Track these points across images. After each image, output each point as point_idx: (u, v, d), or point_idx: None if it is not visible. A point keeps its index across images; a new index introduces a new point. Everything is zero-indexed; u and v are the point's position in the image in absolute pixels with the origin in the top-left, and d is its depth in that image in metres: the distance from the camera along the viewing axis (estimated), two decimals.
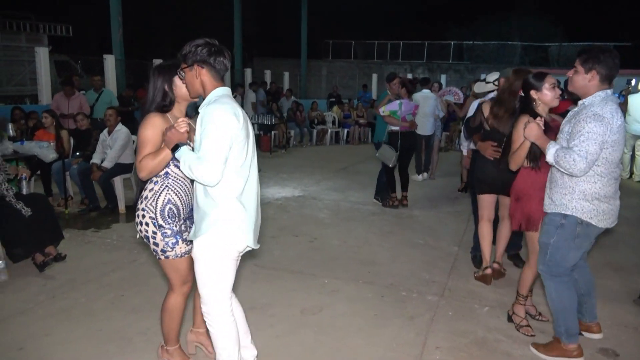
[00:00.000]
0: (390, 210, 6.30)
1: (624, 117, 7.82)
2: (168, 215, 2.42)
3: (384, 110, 6.24)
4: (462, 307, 3.60)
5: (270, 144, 11.60)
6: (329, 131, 13.82)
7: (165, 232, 2.42)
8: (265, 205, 6.52)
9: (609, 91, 2.64)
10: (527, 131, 2.82)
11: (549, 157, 2.66)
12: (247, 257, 4.38)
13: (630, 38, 20.02)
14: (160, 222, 2.42)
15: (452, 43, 21.94)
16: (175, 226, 2.45)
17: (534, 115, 3.00)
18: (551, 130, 2.99)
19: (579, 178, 2.63)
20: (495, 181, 3.84)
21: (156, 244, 2.43)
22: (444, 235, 5.31)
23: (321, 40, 22.91)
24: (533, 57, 21.16)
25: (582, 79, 2.66)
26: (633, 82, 8.26)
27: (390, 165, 6.26)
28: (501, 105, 3.76)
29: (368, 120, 14.37)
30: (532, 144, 2.88)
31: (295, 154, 11.72)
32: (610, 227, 2.76)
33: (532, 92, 3.11)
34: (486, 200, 4.00)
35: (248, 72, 16.61)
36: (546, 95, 3.05)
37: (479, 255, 4.24)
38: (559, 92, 3.08)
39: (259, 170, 2.51)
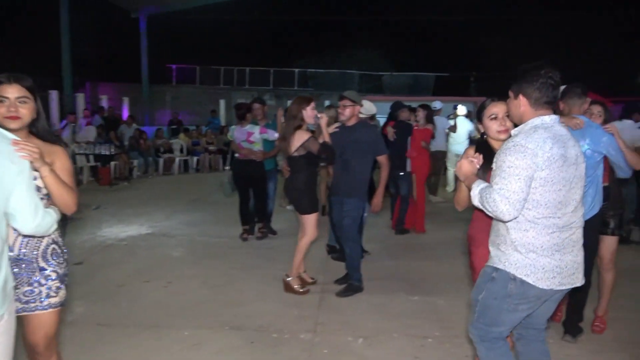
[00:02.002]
0: (251, 243, 5.98)
1: (447, 139, 8.82)
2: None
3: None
4: (337, 342, 3.44)
5: (110, 176, 10.47)
6: (177, 160, 13.02)
7: None
8: (107, 248, 5.70)
9: (547, 118, 2.12)
10: (457, 169, 2.39)
11: (474, 199, 2.17)
12: (87, 316, 3.70)
13: (449, 69, 22.96)
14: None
15: (297, 70, 22.71)
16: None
17: (485, 148, 2.55)
18: None
19: (511, 225, 2.11)
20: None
21: None
22: (308, 264, 5.14)
23: (163, 64, 21.85)
24: (369, 85, 22.92)
25: (514, 106, 2.20)
26: (460, 107, 9.32)
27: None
28: (284, 130, 4.32)
29: (218, 147, 13.94)
30: None
31: (139, 185, 10.74)
32: (560, 289, 2.13)
33: (479, 124, 2.65)
34: None
35: (80, 97, 14.95)
36: (488, 129, 2.57)
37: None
38: (508, 124, 2.48)
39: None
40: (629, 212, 5.74)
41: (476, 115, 2.61)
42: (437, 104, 8.70)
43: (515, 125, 2.27)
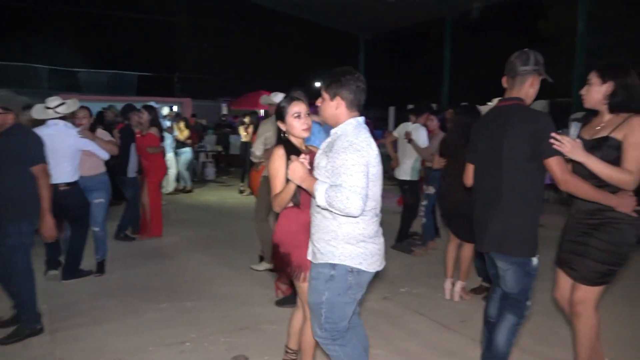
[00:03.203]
0: None
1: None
2: None
3: None
4: None
5: None
6: None
7: None
8: None
9: (360, 119, 2.35)
10: (290, 173, 2.36)
11: (320, 199, 2.22)
12: None
13: (151, 69, 22.49)
14: None
15: None
16: None
17: (292, 149, 2.54)
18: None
19: (343, 220, 2.27)
20: None
21: None
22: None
23: None
24: (62, 82, 20.28)
25: (329, 107, 2.35)
26: (175, 108, 9.32)
27: None
28: None
29: None
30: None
31: None
32: (379, 269, 2.40)
33: (280, 124, 2.60)
34: None
35: None
36: (292, 127, 2.57)
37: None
38: (308, 121, 2.57)
39: None
40: None
41: (276, 115, 2.62)
42: (152, 104, 8.53)
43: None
